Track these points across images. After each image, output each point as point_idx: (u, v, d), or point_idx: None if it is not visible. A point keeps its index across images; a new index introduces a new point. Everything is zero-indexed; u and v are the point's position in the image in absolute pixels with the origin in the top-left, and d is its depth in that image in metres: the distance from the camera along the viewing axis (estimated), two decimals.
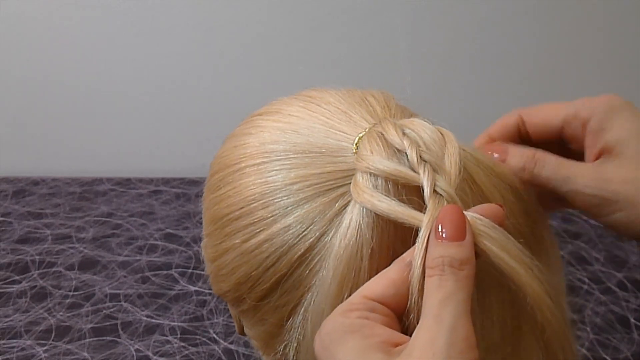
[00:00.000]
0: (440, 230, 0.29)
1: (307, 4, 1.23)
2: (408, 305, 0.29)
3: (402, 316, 0.29)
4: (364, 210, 0.32)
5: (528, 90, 1.38)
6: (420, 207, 0.31)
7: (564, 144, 0.41)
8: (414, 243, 0.31)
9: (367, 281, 0.31)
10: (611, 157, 0.36)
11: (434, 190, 0.31)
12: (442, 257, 0.28)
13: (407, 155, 0.32)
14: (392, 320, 0.28)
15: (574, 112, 0.38)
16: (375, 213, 0.31)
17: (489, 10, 1.28)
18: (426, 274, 0.28)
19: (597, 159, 0.37)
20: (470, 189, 0.34)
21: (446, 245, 0.28)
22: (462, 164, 0.32)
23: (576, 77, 1.38)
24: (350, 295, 0.32)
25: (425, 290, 0.28)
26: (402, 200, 0.31)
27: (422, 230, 0.30)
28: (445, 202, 0.30)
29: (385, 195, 0.31)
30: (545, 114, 0.40)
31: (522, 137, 0.42)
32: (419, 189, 0.31)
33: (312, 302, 0.34)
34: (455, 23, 1.29)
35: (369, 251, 0.32)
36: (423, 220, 0.30)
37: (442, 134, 0.34)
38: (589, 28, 1.32)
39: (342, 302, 0.32)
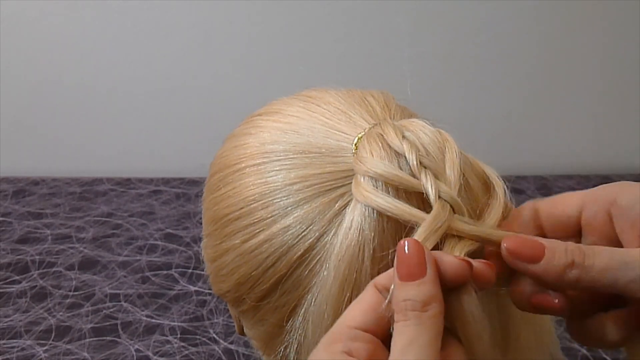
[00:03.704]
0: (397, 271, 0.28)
1: (307, 4, 1.23)
2: (392, 327, 0.28)
3: (389, 337, 0.29)
4: (366, 210, 0.32)
5: (528, 90, 1.38)
6: (419, 206, 0.31)
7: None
8: None
9: (368, 282, 0.31)
10: None
11: (439, 196, 0.31)
12: (405, 301, 0.27)
13: (406, 159, 0.32)
14: (375, 346, 0.28)
15: (593, 198, 0.33)
16: (377, 214, 0.31)
17: (489, 11, 1.28)
18: (394, 318, 0.28)
19: None
20: (466, 192, 0.34)
21: (406, 287, 0.27)
22: (462, 168, 0.32)
23: (576, 77, 1.38)
24: (351, 296, 0.32)
25: (393, 333, 0.27)
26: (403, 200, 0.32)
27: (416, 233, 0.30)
28: (449, 206, 0.31)
29: (387, 194, 0.31)
30: (562, 203, 0.34)
31: (537, 233, 0.35)
32: (418, 193, 0.32)
33: (312, 303, 0.34)
34: (455, 24, 1.29)
35: (371, 252, 0.32)
36: (423, 224, 0.30)
37: (441, 135, 0.34)
38: (589, 28, 1.32)
39: (343, 302, 0.32)
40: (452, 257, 0.28)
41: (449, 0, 1.26)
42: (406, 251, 0.28)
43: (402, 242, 0.28)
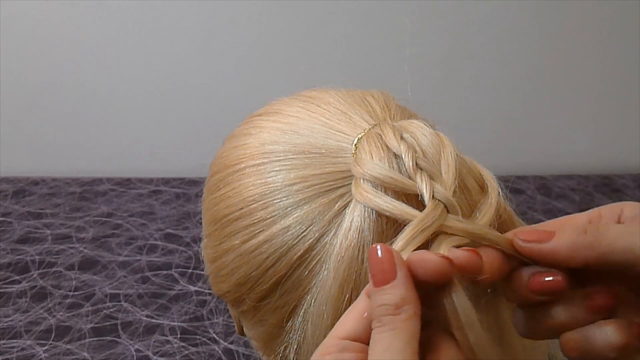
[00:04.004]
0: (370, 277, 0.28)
1: (307, 4, 1.23)
2: None
3: None
4: (366, 211, 0.32)
5: (528, 91, 1.38)
6: (419, 208, 0.31)
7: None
8: None
9: (367, 283, 0.31)
10: None
11: (433, 197, 0.31)
12: (379, 306, 0.27)
13: (403, 161, 0.32)
14: (365, 355, 0.28)
15: (598, 214, 0.33)
16: (376, 215, 0.32)
17: (489, 11, 1.28)
18: (372, 325, 0.28)
19: None
20: (462, 193, 0.34)
21: (380, 292, 0.28)
22: (457, 170, 0.33)
23: (576, 77, 1.38)
24: (351, 297, 0.32)
25: (370, 341, 0.28)
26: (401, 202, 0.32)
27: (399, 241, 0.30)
28: (443, 205, 0.31)
29: (386, 195, 0.32)
30: (567, 224, 0.33)
31: None
32: (416, 195, 0.32)
33: (312, 304, 0.34)
34: (455, 24, 1.29)
35: None
36: (411, 223, 0.30)
37: (439, 137, 0.34)
38: (589, 28, 1.32)
39: (343, 303, 0.32)
40: (432, 255, 0.28)
41: (450, 0, 1.26)
42: (378, 256, 0.28)
43: (372, 247, 0.28)
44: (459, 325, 0.28)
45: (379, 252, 0.28)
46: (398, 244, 0.30)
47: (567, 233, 0.30)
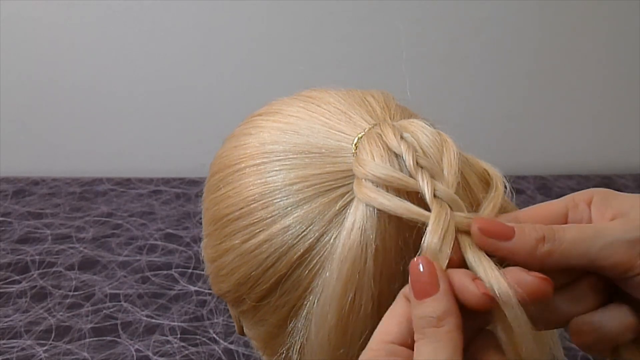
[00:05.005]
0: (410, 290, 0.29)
1: (307, 4, 1.23)
2: None
3: None
4: (368, 211, 0.32)
5: (528, 91, 1.38)
6: (422, 207, 0.31)
7: None
8: (415, 245, 0.31)
9: (372, 284, 0.31)
10: (627, 215, 0.32)
11: (435, 195, 0.31)
12: (421, 318, 0.28)
13: (404, 160, 0.32)
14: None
15: (572, 200, 0.34)
16: (378, 214, 0.31)
17: (489, 11, 1.28)
18: (414, 337, 0.28)
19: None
20: (465, 191, 0.34)
21: (421, 305, 0.28)
22: (460, 167, 0.33)
23: (576, 77, 1.38)
24: (354, 297, 0.32)
25: (414, 353, 0.28)
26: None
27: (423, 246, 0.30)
28: (447, 205, 0.31)
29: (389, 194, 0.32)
30: (546, 210, 0.34)
31: None
32: (416, 193, 0.32)
33: (314, 304, 0.34)
34: (455, 23, 1.29)
35: (373, 252, 0.32)
36: (428, 224, 0.30)
37: (440, 136, 0.34)
38: (589, 28, 1.32)
39: (346, 303, 0.32)
40: (474, 288, 0.28)
41: (449, 1, 1.26)
42: (420, 269, 0.28)
43: (414, 260, 0.29)
44: (513, 341, 0.28)
45: (421, 266, 0.28)
46: (427, 252, 0.29)
47: (526, 237, 0.30)
